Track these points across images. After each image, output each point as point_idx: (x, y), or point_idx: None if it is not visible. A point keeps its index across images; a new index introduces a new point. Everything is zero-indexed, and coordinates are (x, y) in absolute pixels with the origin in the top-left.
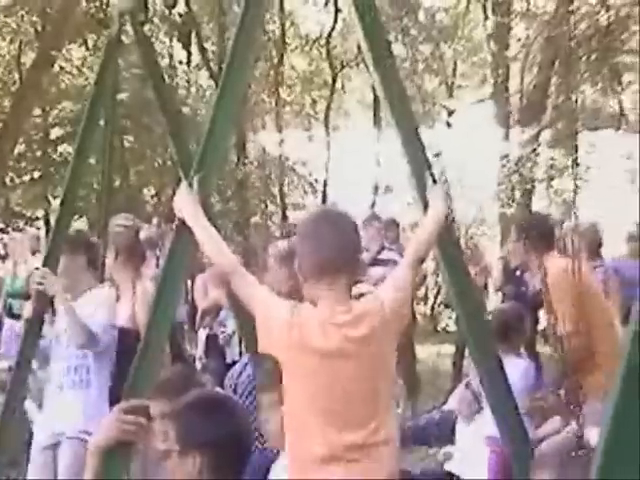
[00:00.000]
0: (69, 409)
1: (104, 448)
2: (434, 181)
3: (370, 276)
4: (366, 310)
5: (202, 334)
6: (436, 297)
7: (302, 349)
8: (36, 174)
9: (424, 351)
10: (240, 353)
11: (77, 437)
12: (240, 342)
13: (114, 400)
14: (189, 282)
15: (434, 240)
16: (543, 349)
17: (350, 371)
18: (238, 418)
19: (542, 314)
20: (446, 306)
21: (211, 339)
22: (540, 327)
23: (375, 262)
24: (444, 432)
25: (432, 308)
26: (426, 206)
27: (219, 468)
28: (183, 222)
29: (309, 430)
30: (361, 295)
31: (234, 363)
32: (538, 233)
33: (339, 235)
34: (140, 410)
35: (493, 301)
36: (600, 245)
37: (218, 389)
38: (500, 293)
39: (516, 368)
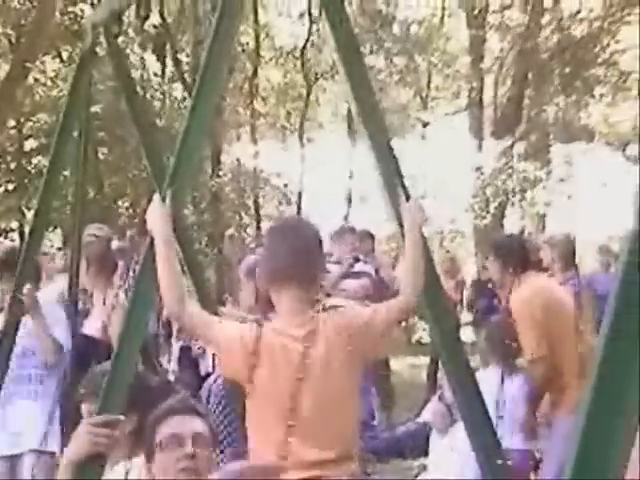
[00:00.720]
0: (23, 420)
1: (76, 462)
2: (407, 196)
3: (343, 289)
4: (325, 324)
5: (176, 346)
6: None
7: (260, 365)
8: (10, 186)
9: (398, 363)
10: (214, 365)
11: (36, 450)
12: (213, 354)
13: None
14: None
15: (421, 263)
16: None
17: (306, 385)
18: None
19: None
20: (420, 318)
21: (184, 351)
22: None
23: (348, 275)
24: (418, 444)
25: (406, 320)
26: (400, 220)
27: None
28: None
29: (273, 446)
30: (331, 307)
31: (208, 375)
32: (513, 254)
33: (292, 244)
34: (113, 423)
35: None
36: (574, 257)
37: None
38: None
39: (519, 382)
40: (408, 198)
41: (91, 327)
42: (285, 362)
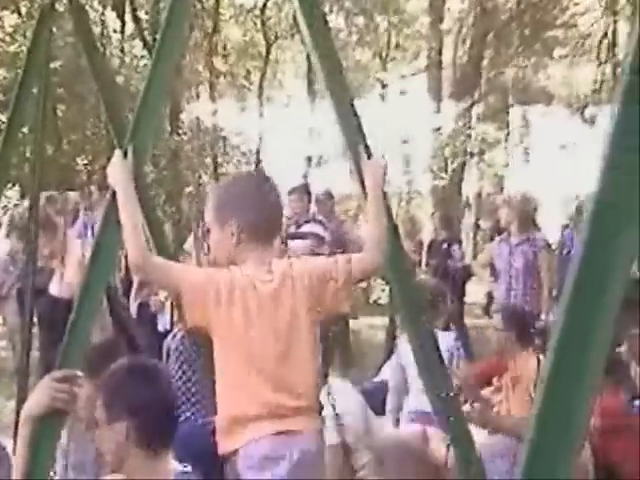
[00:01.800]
0: None
1: (35, 416)
2: (369, 154)
3: (289, 249)
4: (292, 270)
5: (134, 304)
6: None
7: (236, 311)
8: None
9: (356, 323)
10: (172, 323)
11: None
12: (172, 310)
13: (47, 369)
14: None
15: (383, 220)
16: (479, 321)
17: (276, 330)
18: (163, 383)
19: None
20: (381, 278)
21: (142, 307)
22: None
23: (295, 235)
24: (374, 403)
25: (368, 279)
26: (361, 178)
27: (146, 435)
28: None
29: (243, 391)
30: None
31: (166, 332)
32: (527, 328)
33: (268, 198)
34: (72, 378)
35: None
36: (533, 217)
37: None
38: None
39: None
40: (370, 157)
41: (55, 287)
42: (257, 305)
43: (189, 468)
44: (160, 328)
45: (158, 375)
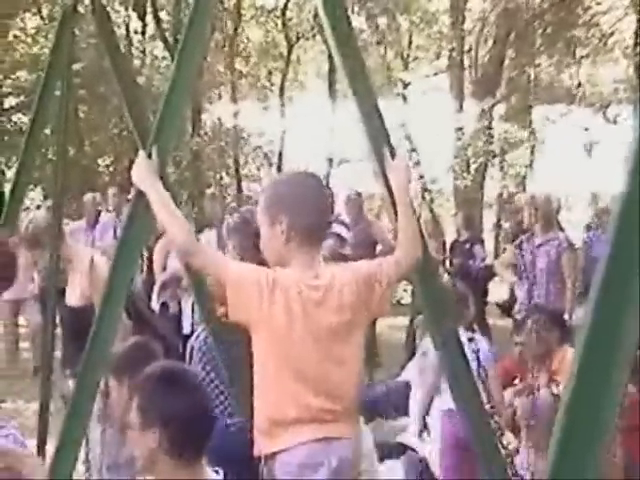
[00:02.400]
0: None
1: None
2: (393, 154)
3: None
4: (336, 278)
5: (155, 302)
6: None
7: (278, 310)
8: None
9: (377, 324)
10: (192, 325)
11: None
12: (192, 313)
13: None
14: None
15: (413, 220)
16: (500, 321)
17: (320, 335)
18: (199, 392)
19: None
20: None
21: (164, 307)
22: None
23: None
24: (397, 403)
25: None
26: (386, 179)
27: (179, 443)
28: (140, 192)
29: (283, 392)
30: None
31: (190, 334)
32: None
33: (326, 200)
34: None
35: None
36: (555, 217)
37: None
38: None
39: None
40: (394, 157)
41: (71, 296)
42: (300, 309)
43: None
44: (184, 330)
45: (195, 384)
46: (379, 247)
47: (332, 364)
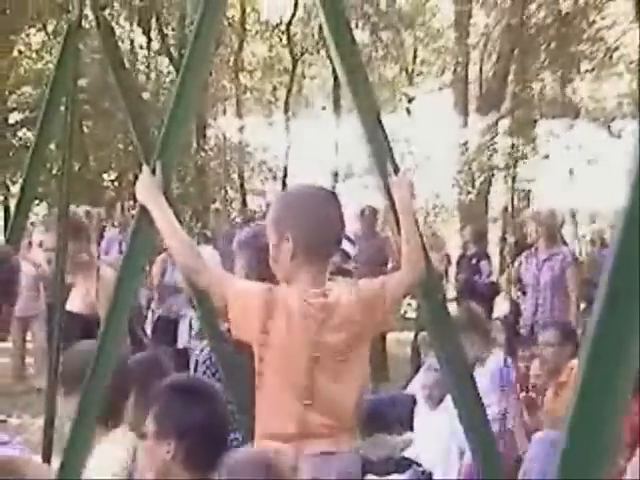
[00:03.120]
0: None
1: None
2: (396, 170)
3: None
4: (341, 296)
5: (152, 316)
6: None
7: (279, 328)
8: None
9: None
10: (190, 338)
11: None
12: (190, 327)
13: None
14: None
15: (416, 236)
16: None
17: (321, 353)
18: (216, 405)
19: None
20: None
21: (160, 321)
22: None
23: None
24: (402, 416)
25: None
26: (389, 194)
27: (194, 458)
28: (144, 207)
29: (281, 408)
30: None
31: (185, 349)
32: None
33: (335, 216)
34: None
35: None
36: (559, 232)
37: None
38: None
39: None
40: (397, 172)
41: (73, 304)
42: (303, 327)
43: None
44: (179, 344)
45: (213, 397)
46: (390, 263)
47: (333, 381)
